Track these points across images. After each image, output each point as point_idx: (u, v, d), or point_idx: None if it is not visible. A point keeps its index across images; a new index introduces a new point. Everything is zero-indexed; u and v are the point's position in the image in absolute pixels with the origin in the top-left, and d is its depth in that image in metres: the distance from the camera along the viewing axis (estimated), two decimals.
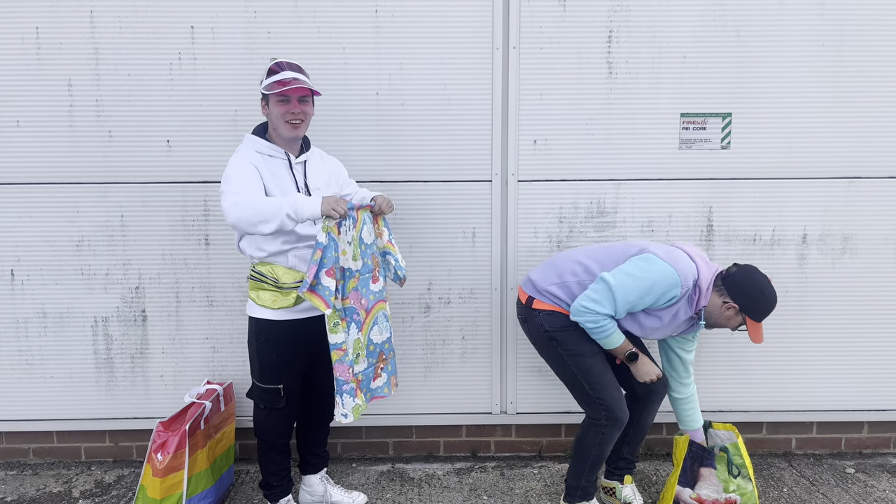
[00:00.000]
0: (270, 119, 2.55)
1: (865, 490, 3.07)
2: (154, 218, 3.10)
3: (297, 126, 2.53)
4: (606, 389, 2.60)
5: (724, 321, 2.51)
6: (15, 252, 3.11)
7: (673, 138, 3.10)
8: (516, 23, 3.02)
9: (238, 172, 2.44)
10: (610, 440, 2.65)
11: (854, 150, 3.13)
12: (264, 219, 2.34)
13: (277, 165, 2.54)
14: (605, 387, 2.61)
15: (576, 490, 2.74)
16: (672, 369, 2.75)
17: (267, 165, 2.51)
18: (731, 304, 2.47)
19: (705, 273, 2.50)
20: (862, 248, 3.20)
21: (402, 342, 3.23)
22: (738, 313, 2.47)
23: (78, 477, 3.22)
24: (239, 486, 3.12)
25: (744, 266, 2.51)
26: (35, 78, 3.00)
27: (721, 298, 2.48)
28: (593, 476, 2.73)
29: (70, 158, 3.06)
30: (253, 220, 2.35)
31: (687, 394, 2.76)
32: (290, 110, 2.50)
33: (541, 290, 2.67)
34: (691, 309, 2.52)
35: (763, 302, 2.46)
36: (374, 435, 3.36)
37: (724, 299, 2.48)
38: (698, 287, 2.49)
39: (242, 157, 2.50)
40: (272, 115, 2.53)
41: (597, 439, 2.64)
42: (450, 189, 3.12)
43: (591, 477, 2.73)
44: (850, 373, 3.28)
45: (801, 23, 3.04)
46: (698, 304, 2.51)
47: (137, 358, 3.21)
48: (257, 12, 2.99)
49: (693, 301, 2.51)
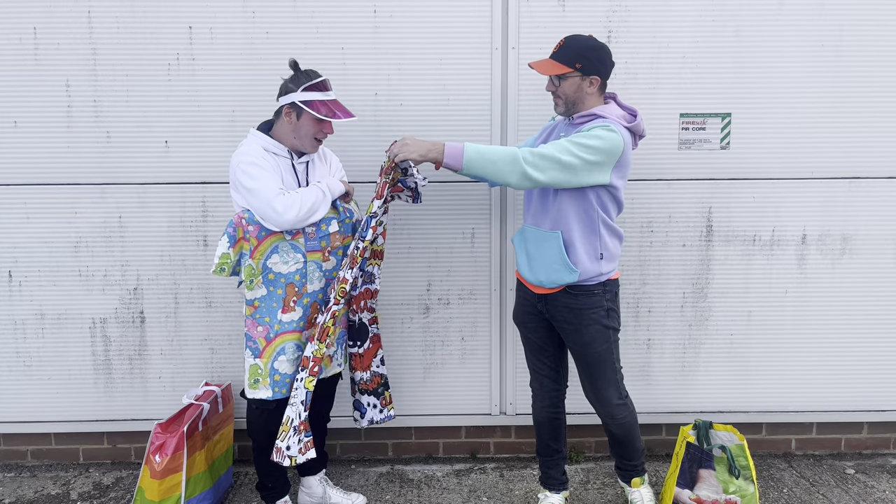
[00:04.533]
0: (295, 128, 2.50)
1: (865, 491, 3.06)
2: (152, 219, 3.10)
3: (321, 143, 2.58)
4: (526, 356, 2.81)
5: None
6: (13, 253, 3.10)
7: (672, 138, 3.10)
8: (515, 23, 3.01)
9: (264, 173, 2.43)
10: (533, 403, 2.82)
11: (854, 150, 3.13)
12: (314, 209, 2.48)
13: (281, 163, 2.54)
14: (525, 353, 2.80)
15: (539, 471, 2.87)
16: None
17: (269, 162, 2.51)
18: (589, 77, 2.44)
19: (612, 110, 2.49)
20: (861, 249, 3.20)
21: (402, 343, 3.22)
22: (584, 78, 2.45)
23: (76, 479, 3.21)
24: (238, 488, 3.12)
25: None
26: (33, 78, 2.99)
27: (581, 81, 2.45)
28: (538, 449, 2.85)
29: (68, 159, 3.05)
30: (306, 216, 2.47)
31: None
32: (324, 130, 2.52)
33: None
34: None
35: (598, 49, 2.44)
36: (373, 436, 3.35)
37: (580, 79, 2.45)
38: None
39: (255, 153, 2.47)
40: (300, 128, 2.50)
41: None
42: (449, 190, 3.11)
43: (537, 450, 2.86)
44: (849, 373, 3.28)
45: (801, 23, 3.04)
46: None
47: (136, 359, 3.20)
48: (256, 12, 2.98)
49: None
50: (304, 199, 2.45)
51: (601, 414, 2.66)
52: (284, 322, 2.55)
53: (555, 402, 2.76)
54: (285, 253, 2.52)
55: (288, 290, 2.54)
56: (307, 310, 2.58)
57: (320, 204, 2.50)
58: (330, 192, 2.55)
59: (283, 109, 2.51)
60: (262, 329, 2.54)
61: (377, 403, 2.88)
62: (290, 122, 2.50)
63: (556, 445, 2.76)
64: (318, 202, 2.49)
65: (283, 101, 2.50)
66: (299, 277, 2.55)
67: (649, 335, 3.21)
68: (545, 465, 2.82)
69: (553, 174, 2.34)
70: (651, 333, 3.21)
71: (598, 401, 2.63)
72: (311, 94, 2.45)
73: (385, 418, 2.89)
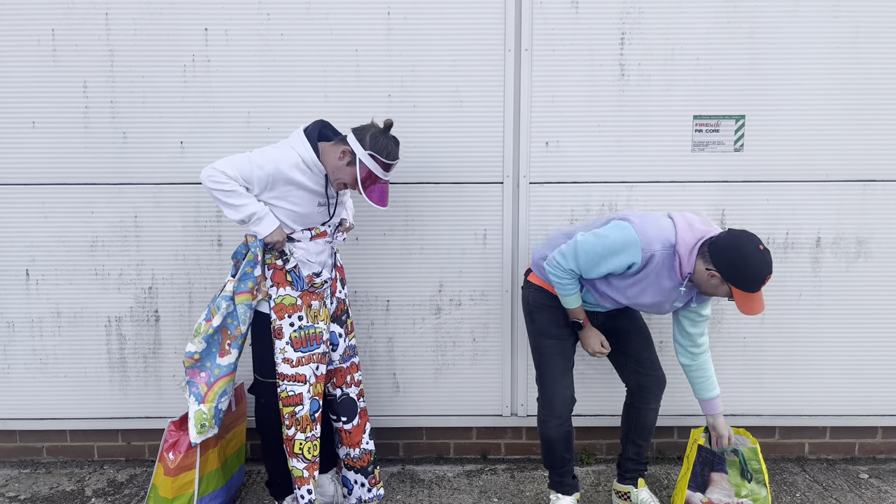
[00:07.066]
0: (339, 167, 2.50)
1: (879, 496, 3.04)
2: (167, 218, 3.13)
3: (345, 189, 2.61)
4: (548, 371, 2.69)
5: (711, 290, 2.41)
6: (30, 252, 3.14)
7: (686, 140, 3.09)
8: (528, 25, 3.01)
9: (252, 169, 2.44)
10: (544, 422, 2.71)
11: (869, 152, 3.11)
12: (227, 202, 2.44)
13: (313, 178, 2.53)
14: (547, 368, 2.69)
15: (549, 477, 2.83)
16: (681, 337, 2.70)
17: (302, 177, 2.49)
18: (714, 272, 2.35)
19: (686, 238, 2.39)
20: (877, 252, 3.17)
21: (413, 344, 3.23)
22: (722, 282, 2.35)
23: (91, 476, 3.24)
24: (250, 486, 3.14)
25: (733, 230, 2.38)
26: (51, 79, 3.03)
27: (705, 265, 2.37)
28: (550, 462, 2.77)
29: (85, 159, 3.08)
30: (222, 199, 2.44)
31: (694, 362, 2.69)
32: (358, 182, 2.49)
33: (537, 262, 2.76)
34: (676, 276, 2.44)
35: (745, 269, 2.27)
36: (384, 436, 3.36)
37: (707, 266, 2.37)
38: (677, 253, 2.40)
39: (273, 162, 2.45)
40: (341, 170, 2.50)
41: (539, 419, 2.74)
42: (461, 191, 3.12)
43: (549, 462, 2.78)
44: (863, 377, 3.26)
45: (816, 24, 3.03)
46: (682, 270, 2.42)
47: (150, 358, 3.23)
48: (270, 14, 3.00)
49: (676, 268, 2.43)
50: (232, 193, 2.43)
51: (659, 393, 2.79)
52: (223, 366, 2.60)
53: (570, 415, 2.77)
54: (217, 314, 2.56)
55: (223, 335, 2.59)
56: (241, 349, 2.63)
57: (235, 209, 2.45)
58: (256, 220, 2.48)
59: (346, 142, 2.50)
60: (204, 374, 2.60)
61: (365, 482, 2.85)
62: (341, 159, 2.50)
63: (568, 455, 2.77)
64: (237, 205, 2.45)
65: (350, 140, 2.49)
66: (231, 320, 2.57)
67: (661, 338, 3.19)
68: (558, 474, 2.79)
69: None
70: (663, 336, 3.20)
71: (661, 373, 2.81)
72: (373, 163, 2.47)
73: (373, 497, 2.87)
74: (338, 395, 2.79)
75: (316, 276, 2.60)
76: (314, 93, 3.04)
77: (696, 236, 2.40)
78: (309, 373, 2.60)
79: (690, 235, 2.40)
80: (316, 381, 2.64)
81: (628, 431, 2.83)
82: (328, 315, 2.70)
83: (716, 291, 2.40)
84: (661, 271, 2.45)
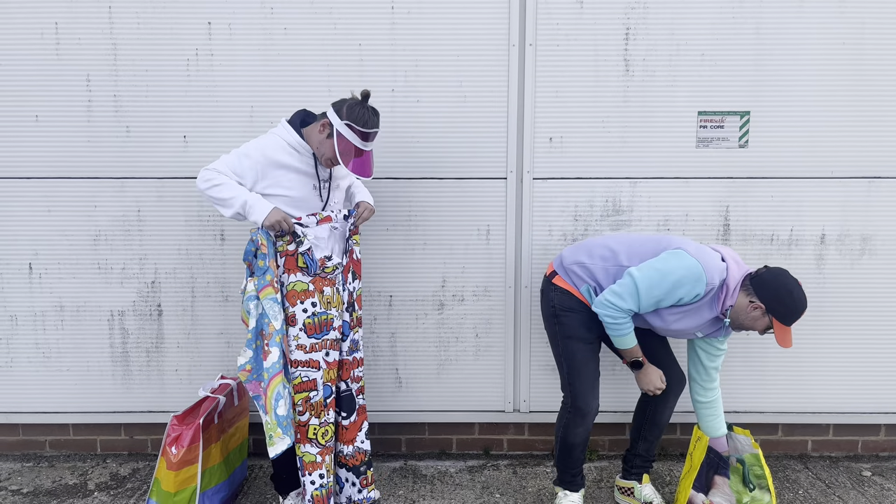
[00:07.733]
0: (321, 141, 2.51)
1: (882, 493, 3.03)
2: (170, 212, 3.12)
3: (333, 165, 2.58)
4: (580, 377, 2.64)
5: (750, 322, 2.47)
6: (33, 246, 3.14)
7: (690, 136, 3.08)
8: (533, 20, 3.00)
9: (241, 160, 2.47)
10: (571, 428, 2.68)
11: (874, 149, 3.10)
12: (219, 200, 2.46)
13: (301, 160, 2.54)
14: (579, 374, 2.65)
15: (558, 475, 2.81)
16: (696, 373, 2.73)
17: (290, 159, 2.51)
18: (758, 304, 2.42)
19: (735, 272, 2.46)
20: (881, 249, 3.16)
21: (416, 340, 3.23)
22: (764, 314, 2.43)
23: (93, 469, 3.25)
24: (252, 481, 3.14)
25: (775, 268, 2.47)
26: (54, 73, 3.03)
27: (748, 298, 2.44)
28: (566, 464, 2.75)
29: (88, 153, 3.08)
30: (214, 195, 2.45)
31: (709, 398, 2.72)
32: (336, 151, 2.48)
33: (566, 267, 2.69)
34: (717, 308, 2.49)
35: (791, 303, 2.39)
36: (386, 432, 3.36)
37: (750, 299, 2.43)
38: (726, 286, 2.46)
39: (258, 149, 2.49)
40: (326, 145, 2.50)
41: (561, 422, 2.71)
42: (465, 186, 3.12)
43: (564, 464, 2.75)
44: (867, 374, 3.25)
45: (821, 20, 3.01)
46: (724, 303, 2.47)
47: (153, 352, 3.23)
48: (274, 8, 3.00)
49: (719, 300, 2.47)
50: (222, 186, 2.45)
51: (679, 392, 2.76)
52: (269, 368, 2.53)
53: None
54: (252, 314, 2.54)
55: (262, 337, 2.54)
56: (280, 344, 2.55)
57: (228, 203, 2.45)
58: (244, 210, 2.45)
59: (325, 117, 2.51)
60: (261, 384, 2.54)
61: (356, 482, 2.80)
62: (321, 132, 2.50)
63: (583, 457, 2.78)
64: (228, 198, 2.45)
65: (329, 113, 2.49)
66: (264, 319, 2.53)
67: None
68: (570, 474, 2.78)
69: None
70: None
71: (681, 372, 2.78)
72: (350, 133, 2.46)
73: (364, 499, 2.81)
74: (342, 389, 2.79)
75: (328, 260, 2.60)
76: (318, 87, 3.04)
77: (742, 271, 2.48)
78: (321, 359, 2.61)
79: (738, 270, 2.48)
80: (328, 367, 2.64)
81: (640, 427, 2.82)
82: (341, 302, 2.69)
83: (753, 324, 2.47)
84: (706, 303, 2.49)
